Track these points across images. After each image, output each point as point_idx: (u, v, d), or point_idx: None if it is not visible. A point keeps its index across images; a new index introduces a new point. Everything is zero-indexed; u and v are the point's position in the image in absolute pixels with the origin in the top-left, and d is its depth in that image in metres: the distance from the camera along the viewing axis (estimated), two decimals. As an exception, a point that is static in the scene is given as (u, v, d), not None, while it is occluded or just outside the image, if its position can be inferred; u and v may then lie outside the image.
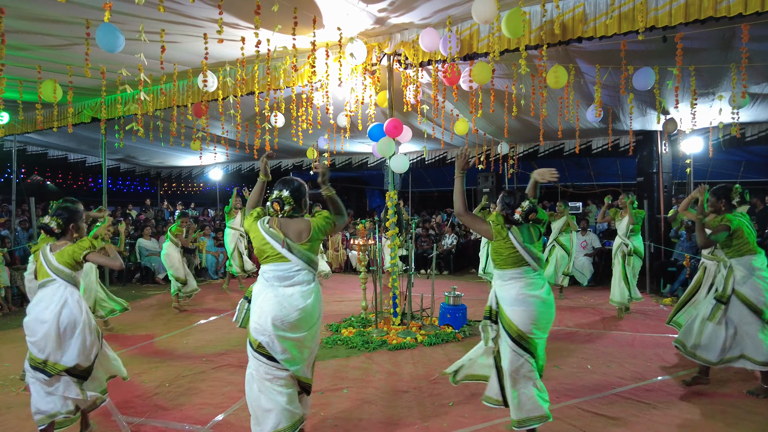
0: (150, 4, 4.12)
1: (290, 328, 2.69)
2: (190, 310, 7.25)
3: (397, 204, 5.91)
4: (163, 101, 6.90)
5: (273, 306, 2.68)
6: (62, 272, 3.07)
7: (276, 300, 2.70)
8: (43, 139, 11.22)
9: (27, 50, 5.67)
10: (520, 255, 2.97)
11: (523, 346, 2.92)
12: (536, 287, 2.98)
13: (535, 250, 2.99)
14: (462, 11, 4.96)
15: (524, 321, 2.91)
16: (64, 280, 3.07)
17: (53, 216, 3.20)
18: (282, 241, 2.75)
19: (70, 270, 3.08)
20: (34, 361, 2.98)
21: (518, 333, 2.92)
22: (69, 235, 3.23)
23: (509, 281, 3.02)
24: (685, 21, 4.03)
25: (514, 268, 3.00)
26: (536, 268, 3.01)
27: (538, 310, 2.93)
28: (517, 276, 2.99)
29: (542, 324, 2.96)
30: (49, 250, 3.13)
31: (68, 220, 3.23)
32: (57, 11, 4.71)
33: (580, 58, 5.94)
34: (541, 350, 3.01)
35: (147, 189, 18.39)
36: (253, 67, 6.15)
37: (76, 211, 3.28)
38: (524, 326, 2.91)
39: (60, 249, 3.12)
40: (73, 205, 3.34)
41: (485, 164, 9.94)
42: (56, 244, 3.17)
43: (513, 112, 5.99)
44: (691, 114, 5.89)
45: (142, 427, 3.39)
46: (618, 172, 14.58)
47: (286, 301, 2.70)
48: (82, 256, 3.07)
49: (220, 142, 9.93)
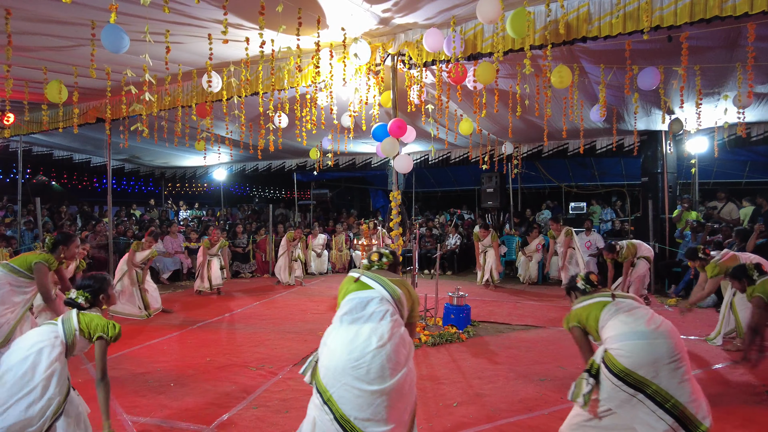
0: (155, 5, 4.13)
1: None
2: (194, 312, 7.26)
3: (400, 204, 5.92)
4: (168, 102, 6.92)
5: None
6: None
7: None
8: (49, 140, 11.29)
9: (33, 51, 5.70)
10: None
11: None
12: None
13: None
14: (466, 11, 4.96)
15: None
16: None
17: (80, 289, 2.87)
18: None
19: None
20: None
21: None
22: (99, 306, 2.94)
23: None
24: (690, 20, 4.02)
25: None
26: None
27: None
28: None
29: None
30: (76, 320, 2.75)
31: (98, 290, 2.92)
32: (63, 13, 4.74)
33: (584, 58, 5.93)
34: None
35: (151, 189, 18.46)
36: (257, 67, 6.16)
37: (104, 279, 2.98)
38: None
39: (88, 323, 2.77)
40: (100, 275, 3.03)
41: (489, 164, 9.92)
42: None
43: (517, 112, 5.98)
44: (696, 114, 5.87)
45: (147, 427, 3.41)
46: (622, 172, 14.53)
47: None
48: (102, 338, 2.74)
49: (224, 142, 9.96)
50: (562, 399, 3.80)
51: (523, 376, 4.32)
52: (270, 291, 8.92)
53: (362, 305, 2.37)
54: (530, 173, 13.78)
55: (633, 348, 2.54)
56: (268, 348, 5.26)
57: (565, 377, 4.30)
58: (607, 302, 2.81)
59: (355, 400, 2.19)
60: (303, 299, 8.09)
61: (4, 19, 4.64)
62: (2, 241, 7.44)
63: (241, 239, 11.15)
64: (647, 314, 2.69)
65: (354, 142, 10.37)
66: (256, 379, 4.30)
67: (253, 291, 8.98)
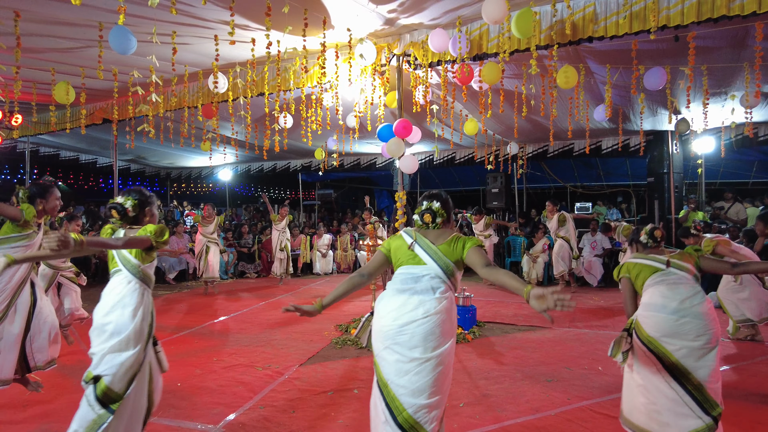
0: (162, 6, 4.16)
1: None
2: (200, 312, 7.30)
3: (405, 204, 5.92)
4: (174, 102, 6.96)
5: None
6: (129, 262, 2.64)
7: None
8: (56, 141, 11.36)
9: (41, 53, 5.74)
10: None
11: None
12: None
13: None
14: (472, 11, 4.96)
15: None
16: (130, 272, 2.63)
17: (127, 195, 2.78)
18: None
19: (138, 261, 2.65)
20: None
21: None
22: (141, 223, 2.82)
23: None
24: (697, 20, 4.00)
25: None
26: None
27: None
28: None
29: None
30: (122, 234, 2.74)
31: (143, 203, 2.83)
32: (71, 14, 4.77)
33: (590, 58, 5.91)
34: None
35: (157, 189, 18.53)
36: (263, 68, 6.18)
37: (150, 195, 2.89)
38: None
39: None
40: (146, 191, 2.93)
41: (494, 165, 9.91)
42: (130, 229, 2.78)
43: (523, 112, 5.97)
44: (702, 114, 5.84)
45: (155, 426, 3.42)
46: (628, 173, 14.48)
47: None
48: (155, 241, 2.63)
49: (230, 143, 9.95)
50: (569, 400, 3.79)
51: (530, 377, 4.31)
52: (276, 291, 8.95)
53: (414, 280, 2.41)
54: (535, 173, 13.74)
55: (658, 320, 2.81)
56: (275, 348, 5.27)
57: (572, 378, 4.29)
58: (659, 269, 3.00)
59: (395, 364, 2.27)
60: (309, 299, 8.11)
61: (13, 21, 4.68)
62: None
63: (246, 239, 11.19)
64: (688, 292, 2.85)
65: (359, 142, 10.38)
66: (262, 379, 4.32)
67: (259, 291, 9.00)
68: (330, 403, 3.76)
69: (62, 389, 4.04)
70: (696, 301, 2.81)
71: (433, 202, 2.59)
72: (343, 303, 7.69)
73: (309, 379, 4.31)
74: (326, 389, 4.06)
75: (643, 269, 3.06)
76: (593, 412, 3.60)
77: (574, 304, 1.88)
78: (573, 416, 3.51)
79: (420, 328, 2.26)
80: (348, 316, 6.64)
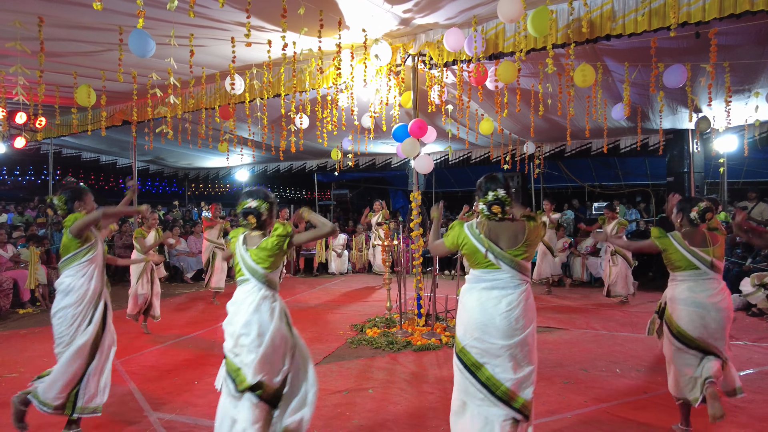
0: (180, 9, 4.22)
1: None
2: (215, 310, 7.38)
3: (421, 204, 5.91)
4: (192, 104, 7.05)
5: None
6: (257, 272, 2.65)
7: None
8: (77, 142, 11.61)
9: (64, 57, 5.87)
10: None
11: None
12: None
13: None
14: (487, 11, 4.93)
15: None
16: (258, 281, 2.66)
17: (257, 198, 2.69)
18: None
19: (265, 270, 2.66)
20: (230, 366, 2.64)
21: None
22: (267, 228, 2.76)
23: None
24: (719, 16, 3.92)
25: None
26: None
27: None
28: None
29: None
30: (242, 242, 2.71)
31: (272, 205, 2.76)
32: (92, 19, 4.87)
33: (608, 57, 5.83)
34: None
35: (175, 190, 18.83)
36: (279, 69, 6.23)
37: (273, 196, 2.82)
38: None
39: (257, 244, 2.68)
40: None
41: (510, 164, 9.83)
42: (252, 236, 2.73)
43: (539, 111, 5.91)
44: (725, 111, 5.72)
45: (173, 423, 3.48)
46: (647, 172, 14.23)
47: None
48: (287, 243, 2.66)
49: (247, 143, 10.06)
50: (585, 402, 3.75)
51: (546, 378, 4.27)
52: (291, 291, 9.01)
53: (493, 278, 2.58)
54: (552, 173, 13.58)
55: (687, 314, 3.14)
56: (290, 347, 5.30)
57: (589, 380, 4.24)
58: (696, 267, 3.15)
59: (486, 350, 2.51)
60: (324, 299, 8.15)
61: (37, 27, 4.79)
62: (34, 242, 7.66)
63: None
64: (714, 288, 3.14)
65: (374, 142, 10.39)
66: (278, 378, 4.34)
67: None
68: (345, 403, 3.78)
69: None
70: (721, 297, 3.15)
71: (498, 190, 2.62)
72: (358, 303, 7.71)
73: (324, 378, 4.33)
74: (341, 389, 4.07)
75: (683, 259, 3.20)
76: (611, 414, 3.55)
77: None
78: (589, 418, 3.47)
79: (504, 321, 2.49)
80: (363, 316, 6.65)
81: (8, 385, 4.24)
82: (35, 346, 5.43)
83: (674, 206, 3.39)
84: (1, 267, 7.25)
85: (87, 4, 4.09)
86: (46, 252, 8.13)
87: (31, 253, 7.35)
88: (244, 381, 2.56)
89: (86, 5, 4.23)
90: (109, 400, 3.28)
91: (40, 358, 4.96)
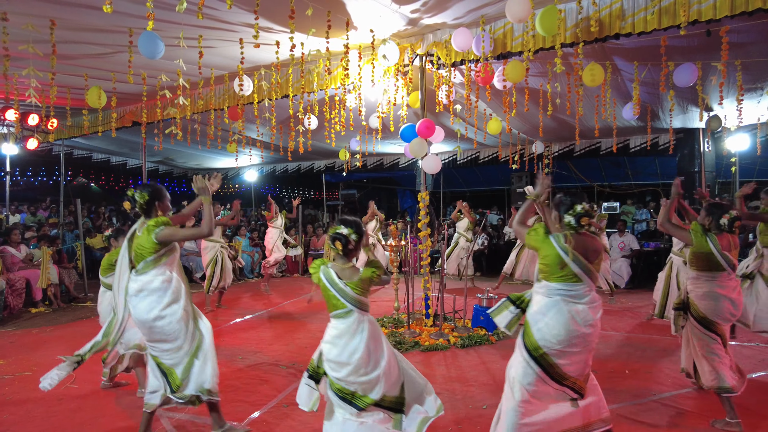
0: (189, 11, 4.25)
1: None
2: (226, 310, 7.41)
3: (429, 205, 5.90)
4: (201, 105, 7.10)
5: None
6: (361, 302, 2.69)
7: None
8: (88, 143, 11.74)
9: (75, 59, 5.94)
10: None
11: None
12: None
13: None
14: (495, 10, 4.91)
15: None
16: (361, 309, 2.70)
17: (350, 227, 2.69)
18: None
19: (366, 298, 2.73)
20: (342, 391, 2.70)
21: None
22: (355, 257, 2.82)
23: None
24: (731, 14, 3.87)
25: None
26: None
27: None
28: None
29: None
30: (336, 276, 2.67)
31: (362, 237, 2.77)
32: (103, 21, 4.92)
33: (617, 55, 5.79)
34: None
35: (184, 190, 18.94)
36: (287, 70, 6.25)
37: (365, 230, 2.84)
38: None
39: (352, 278, 2.68)
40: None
41: (519, 164, 9.79)
42: (343, 269, 2.71)
43: (548, 110, 5.88)
44: (736, 110, 5.66)
45: (182, 422, 3.50)
46: (657, 172, 14.10)
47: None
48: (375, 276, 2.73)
49: (256, 144, 10.13)
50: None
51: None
52: (300, 290, 9.04)
53: (574, 295, 2.69)
54: (562, 173, 13.52)
55: (708, 306, 3.41)
56: (299, 347, 5.32)
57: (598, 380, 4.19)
58: (723, 272, 3.37)
59: (565, 352, 2.68)
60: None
61: (49, 30, 4.84)
62: (46, 242, 7.75)
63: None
64: (736, 286, 3.42)
65: (382, 142, 10.41)
66: (287, 378, 4.37)
67: (284, 290, 9.11)
68: (353, 403, 3.78)
69: (95, 383, 4.17)
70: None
71: (584, 203, 2.71)
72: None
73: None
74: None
75: (712, 260, 3.37)
76: (620, 416, 3.52)
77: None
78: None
79: (582, 338, 2.68)
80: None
81: (21, 383, 4.30)
82: (47, 345, 5.49)
83: (704, 208, 3.52)
84: (13, 267, 7.35)
85: (98, 7, 4.14)
86: (58, 252, 8.22)
87: (43, 252, 7.44)
88: (366, 398, 2.67)
89: (97, 8, 4.28)
90: (119, 400, 3.31)
91: (53, 356, 5.02)
